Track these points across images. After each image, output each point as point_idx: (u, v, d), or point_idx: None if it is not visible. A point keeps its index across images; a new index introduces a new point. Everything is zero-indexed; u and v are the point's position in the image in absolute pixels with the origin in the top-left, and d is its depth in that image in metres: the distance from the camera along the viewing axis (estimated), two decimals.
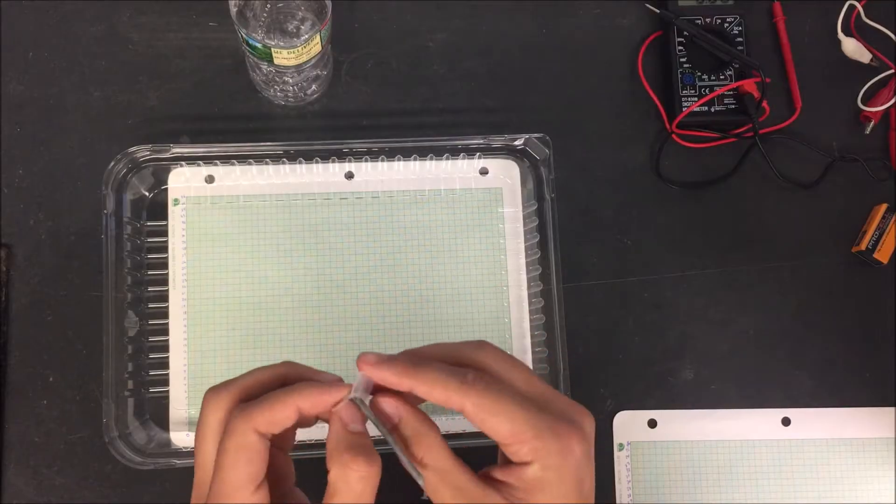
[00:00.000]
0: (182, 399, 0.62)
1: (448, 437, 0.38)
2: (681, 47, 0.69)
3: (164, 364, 0.62)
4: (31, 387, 0.61)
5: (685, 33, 0.69)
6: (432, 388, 0.36)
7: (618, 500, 0.64)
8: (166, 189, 0.64)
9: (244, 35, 0.58)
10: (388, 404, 0.37)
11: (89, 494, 0.60)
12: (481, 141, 0.64)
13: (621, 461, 0.64)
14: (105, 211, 0.60)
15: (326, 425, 0.37)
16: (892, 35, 0.71)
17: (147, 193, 0.64)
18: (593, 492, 0.37)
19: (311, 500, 0.61)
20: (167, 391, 0.62)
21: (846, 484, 0.65)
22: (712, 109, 0.68)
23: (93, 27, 0.67)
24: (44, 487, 0.60)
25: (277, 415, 0.36)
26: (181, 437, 0.61)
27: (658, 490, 0.64)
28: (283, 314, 0.63)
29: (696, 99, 0.68)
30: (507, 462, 0.37)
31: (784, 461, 0.65)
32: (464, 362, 0.38)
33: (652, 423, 0.65)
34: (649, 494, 0.64)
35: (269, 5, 0.61)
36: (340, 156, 0.64)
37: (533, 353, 0.64)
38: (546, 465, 0.35)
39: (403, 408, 0.37)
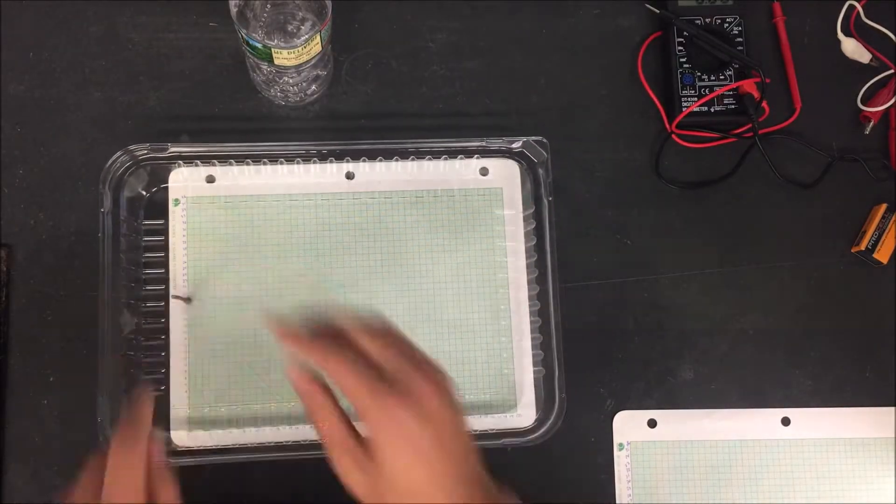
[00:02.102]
0: (182, 398, 0.62)
1: None
2: (681, 47, 0.69)
3: (163, 363, 0.62)
4: (31, 387, 0.61)
5: (685, 33, 0.69)
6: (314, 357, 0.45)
7: (618, 500, 0.64)
8: (166, 188, 0.64)
9: (244, 35, 0.58)
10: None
11: None
12: (480, 143, 0.64)
13: (621, 461, 0.64)
14: (102, 209, 0.60)
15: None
16: (891, 35, 0.71)
17: (144, 192, 0.64)
18: (448, 441, 0.43)
19: (312, 499, 0.61)
20: (167, 390, 0.61)
21: (846, 484, 0.65)
22: (712, 109, 0.68)
23: (93, 27, 0.67)
24: (44, 487, 0.60)
25: None
26: (181, 437, 0.61)
27: (658, 490, 0.64)
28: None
29: (695, 99, 0.68)
30: None
31: (784, 461, 0.65)
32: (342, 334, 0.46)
33: (652, 423, 0.65)
34: (649, 494, 0.64)
35: (269, 5, 0.61)
36: (340, 156, 0.64)
37: (533, 354, 0.64)
38: (377, 432, 0.43)
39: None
